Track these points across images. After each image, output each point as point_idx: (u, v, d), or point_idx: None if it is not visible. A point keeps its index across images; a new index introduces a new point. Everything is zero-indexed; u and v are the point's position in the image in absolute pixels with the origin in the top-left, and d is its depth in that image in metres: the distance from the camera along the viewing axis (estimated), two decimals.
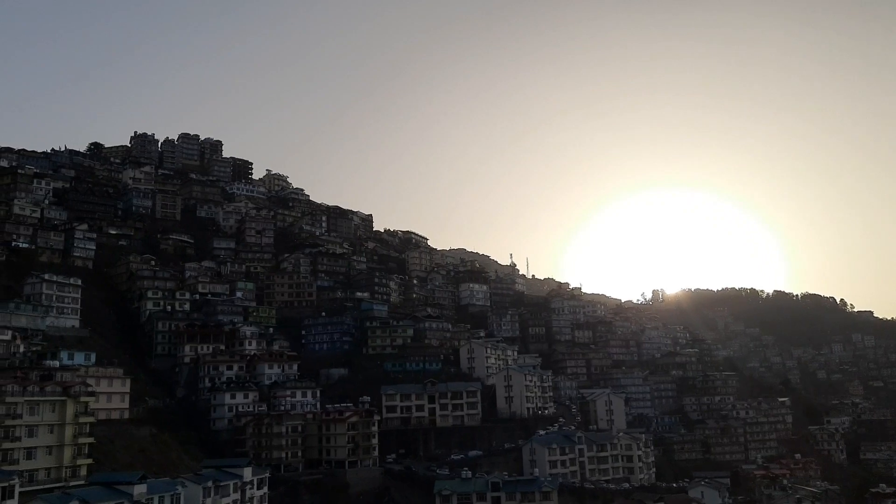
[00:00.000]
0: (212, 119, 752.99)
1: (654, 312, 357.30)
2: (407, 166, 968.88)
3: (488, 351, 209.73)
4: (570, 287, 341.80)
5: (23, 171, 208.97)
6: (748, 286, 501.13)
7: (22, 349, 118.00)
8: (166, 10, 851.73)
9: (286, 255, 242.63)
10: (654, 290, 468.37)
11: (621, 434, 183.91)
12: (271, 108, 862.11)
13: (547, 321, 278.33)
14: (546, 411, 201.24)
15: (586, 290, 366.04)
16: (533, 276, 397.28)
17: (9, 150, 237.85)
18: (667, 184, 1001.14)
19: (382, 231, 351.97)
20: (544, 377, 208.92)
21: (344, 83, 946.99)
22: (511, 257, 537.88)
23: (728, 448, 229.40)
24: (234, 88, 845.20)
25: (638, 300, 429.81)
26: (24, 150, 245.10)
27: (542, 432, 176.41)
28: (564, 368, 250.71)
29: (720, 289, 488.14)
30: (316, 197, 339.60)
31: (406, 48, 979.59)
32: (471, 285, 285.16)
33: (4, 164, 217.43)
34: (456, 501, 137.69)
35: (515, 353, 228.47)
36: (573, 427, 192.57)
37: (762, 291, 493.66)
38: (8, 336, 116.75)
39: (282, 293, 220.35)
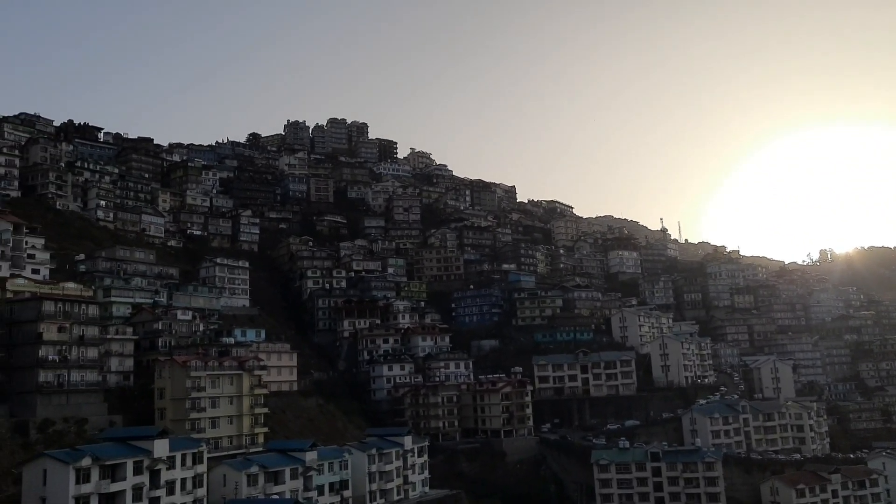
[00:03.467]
0: (357, 102, 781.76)
1: (823, 273, 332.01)
2: (547, 136, 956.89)
3: (641, 319, 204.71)
4: (727, 250, 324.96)
5: (192, 165, 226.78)
6: None
7: (202, 328, 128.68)
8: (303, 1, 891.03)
9: (433, 230, 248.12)
10: (821, 250, 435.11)
11: (790, 402, 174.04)
12: (412, 87, 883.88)
13: (703, 287, 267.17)
14: (706, 380, 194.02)
15: (745, 252, 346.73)
16: (686, 240, 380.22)
17: (179, 145, 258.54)
18: (833, 118, 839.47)
19: (526, 202, 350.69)
20: (703, 344, 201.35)
21: (480, 57, 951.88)
22: (661, 222, 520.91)
23: None
24: (375, 71, 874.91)
25: (803, 261, 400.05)
26: (192, 144, 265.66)
27: (702, 401, 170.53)
28: (724, 335, 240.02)
29: None
30: (459, 172, 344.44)
31: (535, 15, 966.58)
32: (620, 252, 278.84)
33: (177, 158, 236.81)
34: (614, 471, 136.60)
35: (670, 321, 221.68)
36: (736, 396, 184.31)
37: None
38: (189, 316, 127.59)
39: (430, 268, 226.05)
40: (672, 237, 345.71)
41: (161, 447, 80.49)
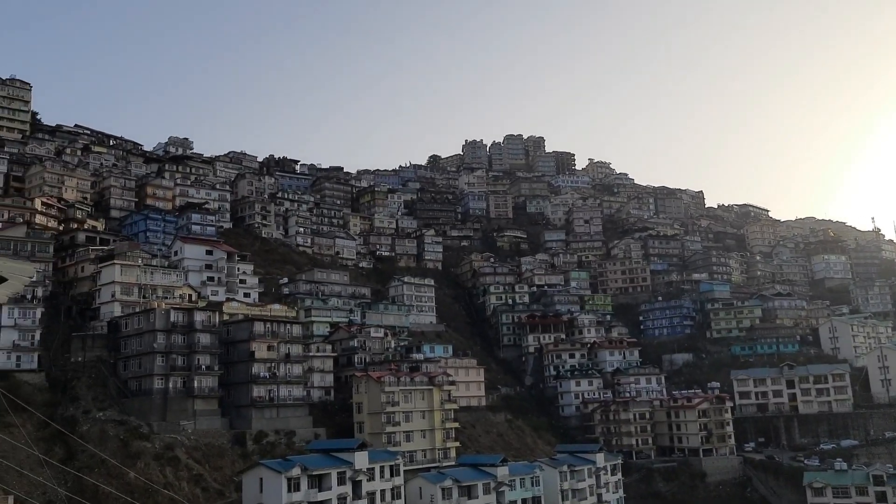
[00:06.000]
0: (532, 117, 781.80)
1: None
2: (734, 136, 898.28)
3: (855, 328, 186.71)
4: None
5: (379, 189, 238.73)
6: None
7: (393, 344, 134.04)
8: (477, 20, 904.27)
9: (616, 241, 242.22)
10: None
11: None
12: (587, 97, 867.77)
13: None
14: None
15: None
16: None
17: (366, 171, 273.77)
18: None
19: (715, 207, 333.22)
20: None
21: (655, 61, 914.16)
22: (873, 221, 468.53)
23: None
24: (549, 83, 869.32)
25: None
26: (377, 169, 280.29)
27: None
28: None
29: None
30: (641, 180, 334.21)
31: (703, 15, 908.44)
32: (825, 257, 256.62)
33: (364, 184, 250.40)
34: (830, 495, 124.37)
35: (889, 330, 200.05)
36: None
37: None
38: (381, 333, 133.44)
39: (615, 280, 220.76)
40: (886, 238, 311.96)
41: (361, 459, 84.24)
